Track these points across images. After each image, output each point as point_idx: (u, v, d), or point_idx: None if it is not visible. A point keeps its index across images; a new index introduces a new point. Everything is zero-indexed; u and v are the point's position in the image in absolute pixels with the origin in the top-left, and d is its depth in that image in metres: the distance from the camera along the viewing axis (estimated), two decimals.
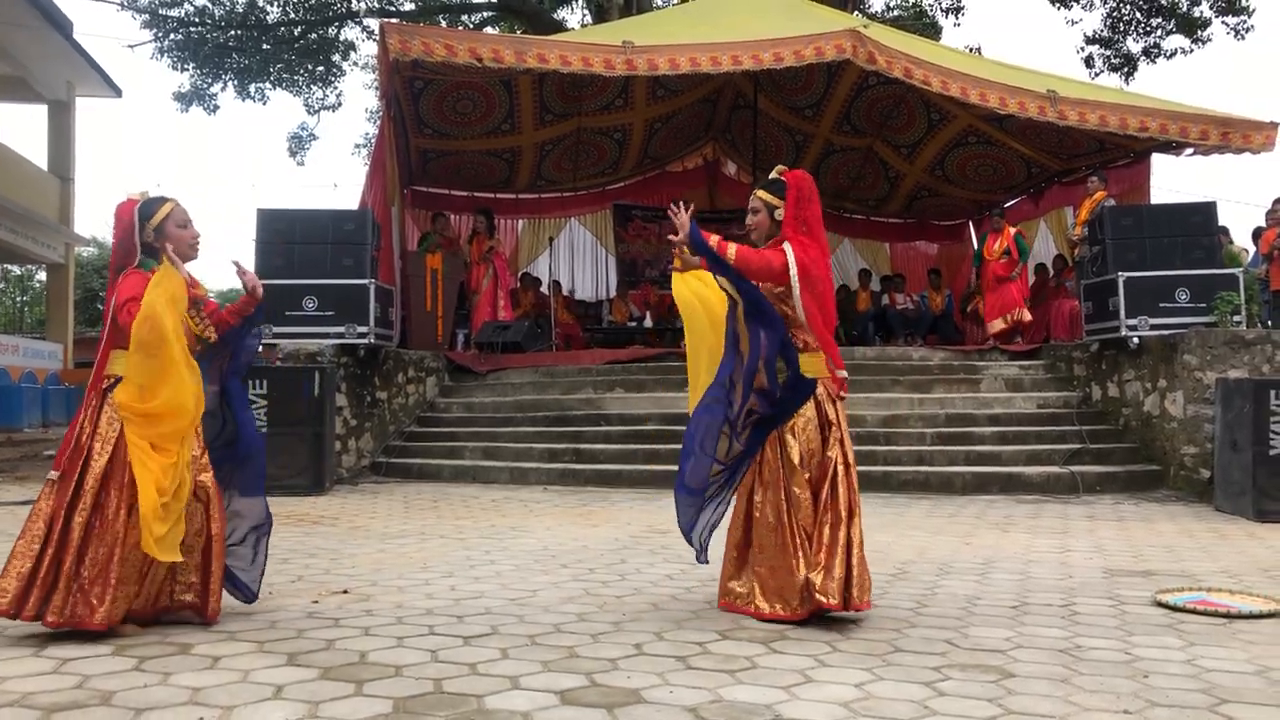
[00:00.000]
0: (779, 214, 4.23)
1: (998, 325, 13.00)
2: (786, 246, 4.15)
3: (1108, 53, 22.28)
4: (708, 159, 17.89)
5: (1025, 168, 15.44)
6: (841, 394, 4.27)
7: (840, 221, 18.21)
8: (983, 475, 9.26)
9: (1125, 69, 22.12)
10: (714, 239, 4.06)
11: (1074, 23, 47.99)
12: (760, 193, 4.32)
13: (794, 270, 4.07)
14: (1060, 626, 4.07)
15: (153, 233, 3.93)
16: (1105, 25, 22.45)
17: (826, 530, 4.05)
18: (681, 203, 4.19)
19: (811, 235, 4.22)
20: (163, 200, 4.00)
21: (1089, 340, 10.80)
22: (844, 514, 4.08)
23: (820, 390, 4.18)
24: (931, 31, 22.71)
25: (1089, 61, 22.67)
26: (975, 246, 17.65)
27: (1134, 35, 22.15)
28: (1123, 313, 9.94)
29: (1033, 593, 4.76)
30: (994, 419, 10.49)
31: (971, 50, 21.02)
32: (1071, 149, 13.98)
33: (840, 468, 4.13)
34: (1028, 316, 13.00)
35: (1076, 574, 5.27)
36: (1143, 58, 21.96)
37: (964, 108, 13.51)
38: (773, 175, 4.33)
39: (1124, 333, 9.93)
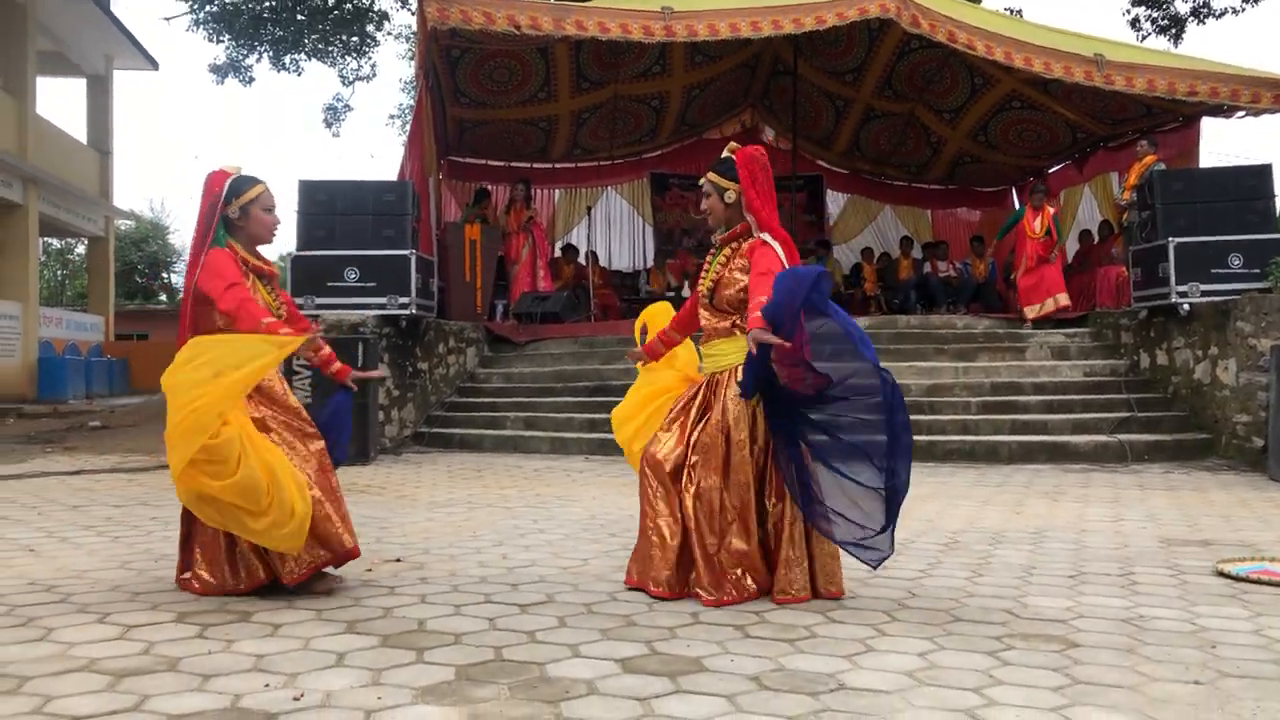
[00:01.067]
0: (729, 196, 4.03)
1: (1035, 311, 12.06)
2: (776, 247, 3.93)
3: (1155, 14, 21.77)
4: (746, 126, 17.73)
5: (1070, 133, 15.18)
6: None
7: (881, 188, 18.05)
8: (1029, 444, 9.17)
9: (1173, 30, 21.62)
10: (758, 321, 3.67)
11: None
12: (710, 175, 4.11)
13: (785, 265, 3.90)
14: (1121, 596, 4.01)
15: (238, 210, 4.04)
16: None
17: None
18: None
19: (769, 214, 4.03)
20: (255, 181, 4.10)
21: (1137, 307, 10.63)
22: None
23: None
24: None
25: (1135, 24, 22.20)
26: (1015, 210, 17.43)
27: None
28: (1173, 279, 9.77)
29: (1089, 562, 4.70)
30: (1040, 388, 10.37)
31: (1013, 14, 20.64)
32: (1118, 113, 13.72)
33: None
34: (1065, 300, 12.16)
35: (1132, 543, 5.20)
36: (1191, 18, 21.43)
37: (1008, 71, 13.29)
38: (724, 154, 4.14)
39: (1174, 299, 9.76)
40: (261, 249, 4.19)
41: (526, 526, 5.66)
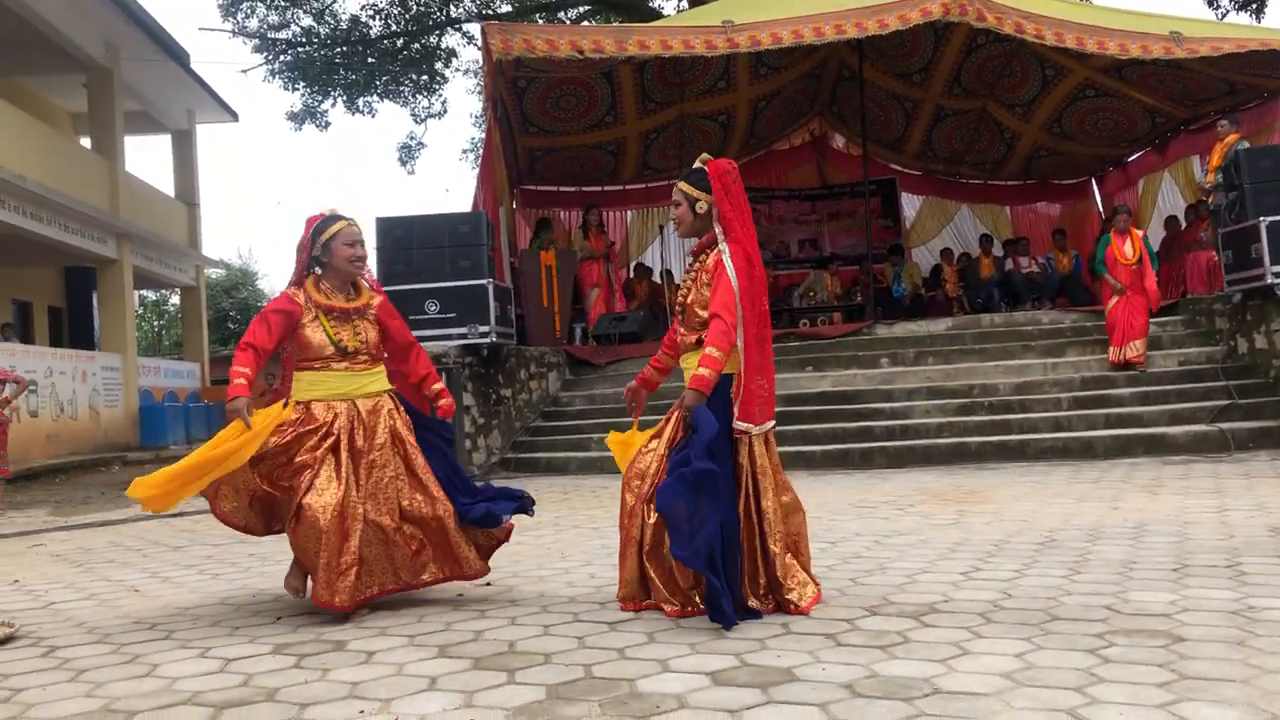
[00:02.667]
0: (700, 206, 3.96)
1: (1117, 354, 10.44)
2: (726, 261, 3.86)
3: None
4: (815, 134, 17.65)
5: (1149, 118, 14.81)
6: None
7: (956, 187, 17.80)
8: (1124, 438, 8.93)
9: (1254, 5, 20.97)
10: (702, 381, 3.81)
11: None
12: (681, 185, 4.04)
13: (737, 295, 3.82)
14: (1228, 588, 3.87)
15: (321, 248, 4.26)
16: None
17: None
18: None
19: (744, 227, 3.96)
20: (338, 219, 4.29)
21: (1230, 291, 10.31)
22: None
23: None
24: None
25: (1213, 1, 21.61)
26: (1100, 238, 17.03)
27: None
28: (1267, 259, 9.47)
29: (1193, 554, 4.55)
30: (1133, 379, 10.11)
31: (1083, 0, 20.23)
32: (1198, 94, 13.36)
33: None
34: (1140, 351, 10.35)
35: (1239, 534, 5.02)
36: None
37: (1080, 60, 13.03)
38: (696, 164, 4.06)
39: (1270, 280, 9.46)
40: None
41: (613, 546, 5.63)
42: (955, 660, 3.10)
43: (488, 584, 4.67)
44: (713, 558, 3.66)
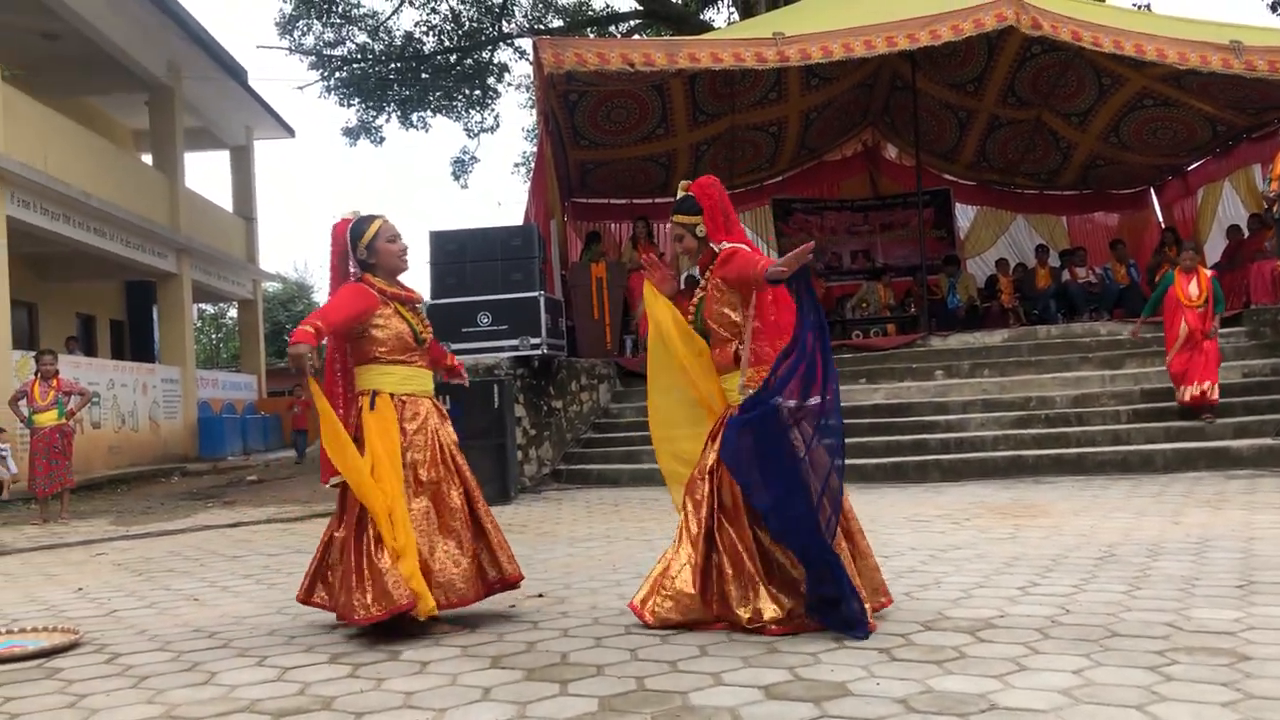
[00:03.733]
0: (700, 230, 4.05)
1: (1189, 393, 9.44)
2: (730, 246, 3.96)
3: None
4: (867, 145, 17.55)
5: (1209, 127, 14.55)
6: None
7: (1011, 197, 17.60)
8: (1186, 451, 8.76)
9: None
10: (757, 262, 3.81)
11: None
12: (676, 217, 4.14)
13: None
14: None
15: (365, 250, 4.17)
16: None
17: None
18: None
19: (735, 229, 4.08)
20: (371, 218, 4.21)
21: None
22: None
23: None
24: None
25: (1275, 7, 21.21)
26: (1163, 276, 16.74)
27: None
28: None
29: (1259, 571, 4.44)
30: None
31: (1141, 8, 19.96)
32: (1260, 101, 13.08)
33: None
34: (1214, 393, 9.41)
35: None
36: None
37: (1138, 69, 12.85)
38: (679, 195, 4.15)
39: None
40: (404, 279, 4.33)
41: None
42: (1012, 676, 3.05)
43: (540, 595, 4.68)
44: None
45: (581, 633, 3.89)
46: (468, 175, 27.46)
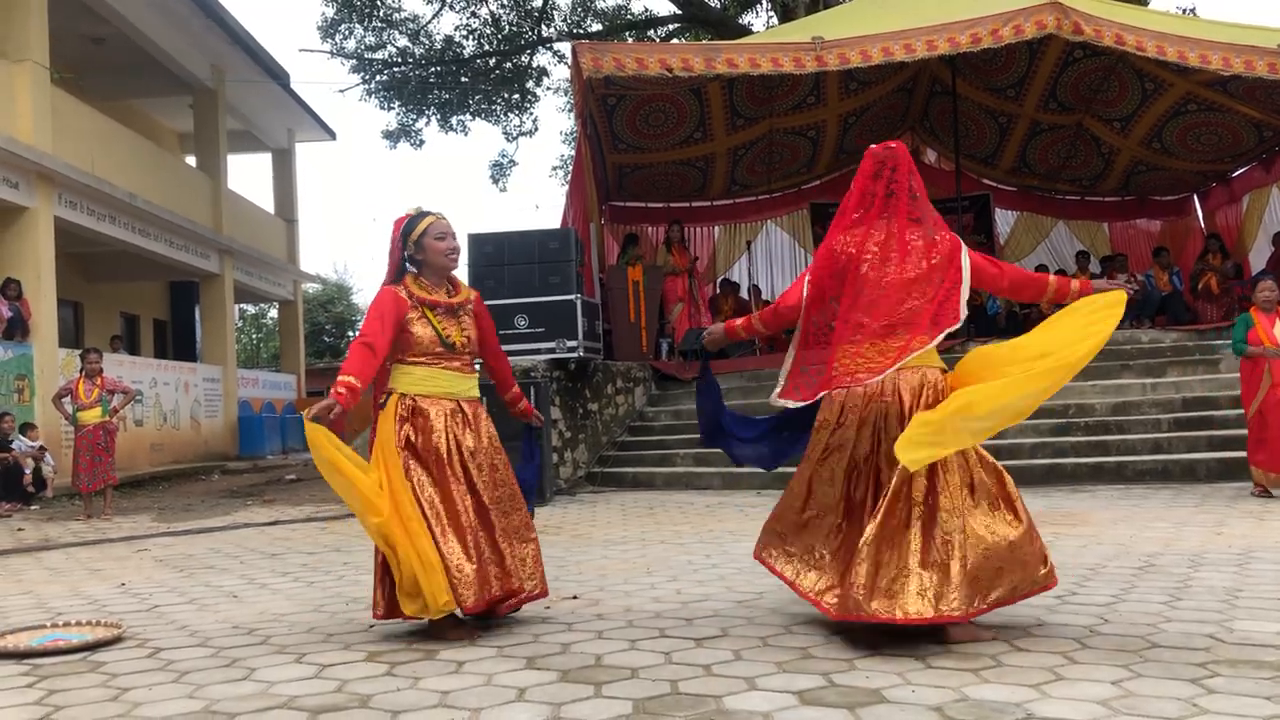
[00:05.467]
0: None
1: (1265, 477, 7.75)
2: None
3: None
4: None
5: (1255, 132, 14.33)
6: None
7: (1052, 203, 17.43)
8: (1229, 461, 8.64)
9: None
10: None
11: None
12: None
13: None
14: None
15: (414, 245, 4.19)
16: None
17: None
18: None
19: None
20: (424, 215, 4.22)
21: None
22: None
23: None
24: None
25: None
26: (1239, 317, 16.50)
27: None
28: None
29: None
30: (1237, 401, 9.73)
31: (1186, 13, 19.72)
32: None
33: None
34: None
35: None
36: None
37: (1182, 73, 12.69)
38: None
39: None
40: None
41: (700, 562, 5.67)
42: (1049, 686, 3.03)
43: (575, 597, 4.70)
44: None
45: (616, 635, 3.90)
46: (506, 179, 27.56)
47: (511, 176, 66.20)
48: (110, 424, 10.17)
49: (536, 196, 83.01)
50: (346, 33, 23.35)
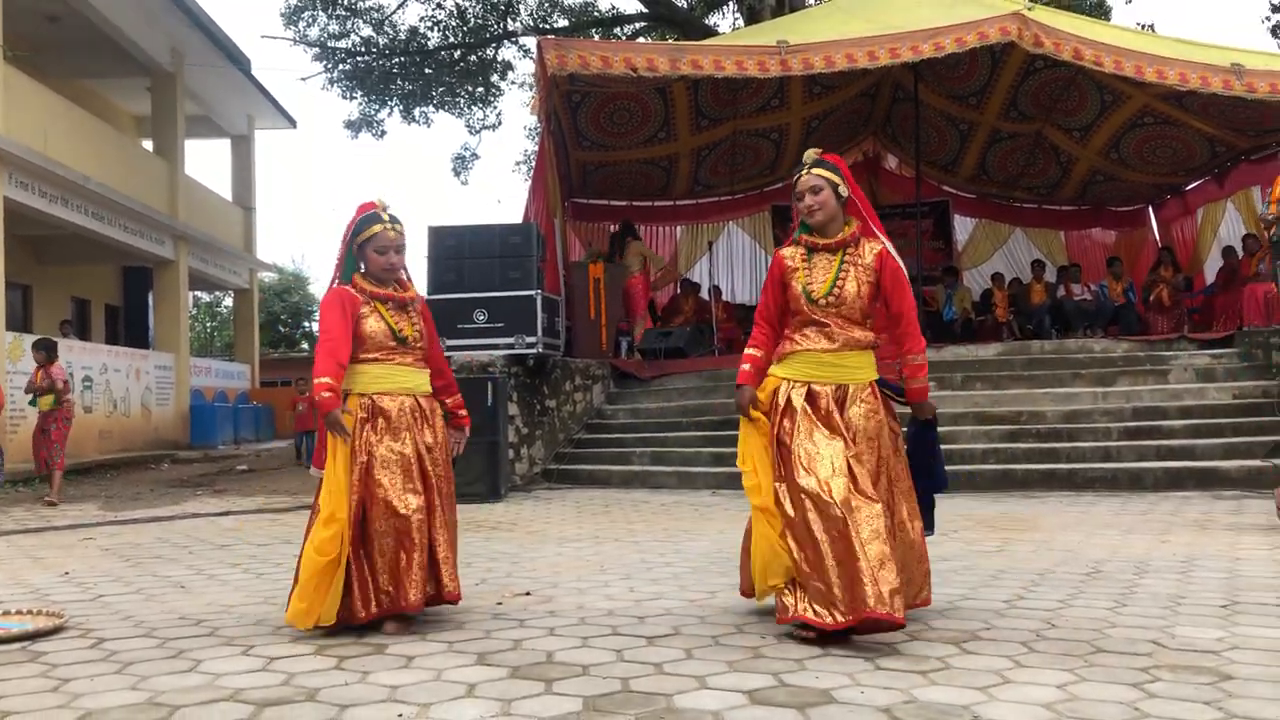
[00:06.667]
0: (842, 190, 3.97)
1: None
2: (897, 258, 3.99)
3: None
4: (868, 154, 17.58)
5: (1208, 147, 14.60)
6: None
7: (1010, 211, 17.66)
8: (1175, 471, 8.78)
9: None
10: (923, 382, 4.12)
11: None
12: (819, 171, 3.97)
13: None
14: (1279, 627, 3.79)
15: (357, 248, 4.15)
16: None
17: None
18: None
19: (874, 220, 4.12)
20: (375, 220, 4.12)
21: None
22: None
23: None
24: (1099, 12, 21.76)
25: (1276, 31, 21.31)
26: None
27: None
28: None
29: (1244, 591, 4.46)
30: (1185, 411, 9.94)
31: (1144, 28, 20.01)
32: (1260, 124, 13.12)
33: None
34: None
35: None
36: None
37: (1140, 86, 12.88)
38: (813, 154, 4.03)
39: None
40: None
41: (654, 560, 5.67)
42: (996, 689, 3.06)
43: (527, 593, 4.69)
44: None
45: (568, 632, 3.89)
46: (468, 172, 27.45)
47: (474, 170, 65.94)
48: (61, 412, 10.27)
49: (499, 191, 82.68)
50: (310, 20, 23.12)
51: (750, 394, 4.05)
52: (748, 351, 4.12)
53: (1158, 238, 16.96)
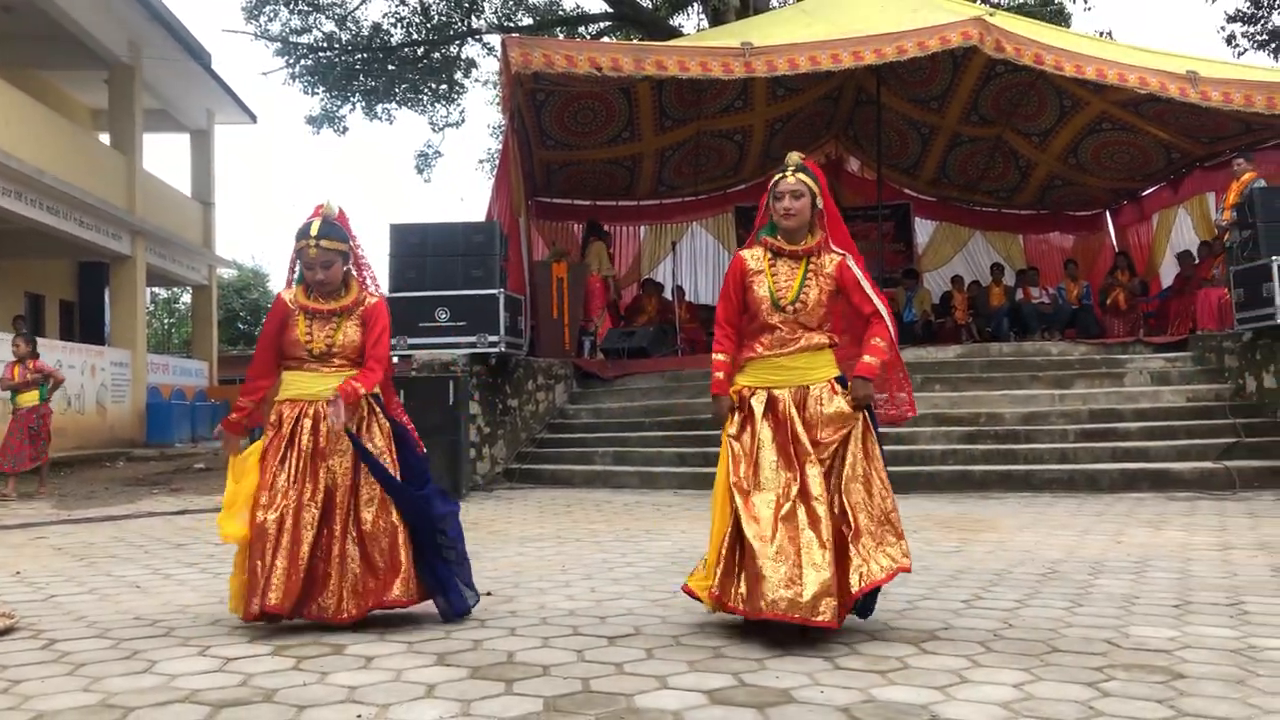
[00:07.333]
0: (819, 202, 4.01)
1: None
2: (856, 269, 4.01)
3: (1252, 30, 21.24)
4: (830, 157, 17.67)
5: (1164, 153, 14.82)
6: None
7: (970, 214, 17.83)
8: (1130, 472, 8.91)
9: (1273, 45, 21.03)
10: (877, 361, 3.98)
11: (1213, 0, 45.84)
12: (801, 176, 3.98)
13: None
14: (1230, 626, 3.86)
15: (296, 253, 4.21)
16: (1248, 0, 21.42)
17: None
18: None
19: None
20: (304, 234, 4.13)
21: (1241, 329, 10.28)
22: None
23: None
24: (1059, 19, 22.02)
25: (1231, 40, 21.68)
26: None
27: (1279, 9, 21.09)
28: (1278, 298, 9.45)
29: (1195, 591, 4.53)
30: (1140, 414, 10.08)
31: (1103, 35, 20.29)
32: (1214, 131, 13.35)
33: None
34: None
35: (1241, 572, 5.00)
36: None
37: (1098, 92, 13.06)
38: (796, 158, 4.05)
39: None
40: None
41: (615, 560, 5.67)
42: (954, 688, 3.09)
43: (488, 594, 4.67)
44: None
45: (528, 632, 3.89)
46: (431, 169, 27.30)
47: (437, 167, 65.59)
48: (44, 408, 10.42)
49: (462, 189, 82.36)
50: (271, 15, 22.91)
51: (728, 403, 4.04)
52: (717, 358, 4.09)
53: (1114, 242, 17.20)
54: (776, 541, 3.64)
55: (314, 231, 4.10)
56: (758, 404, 3.94)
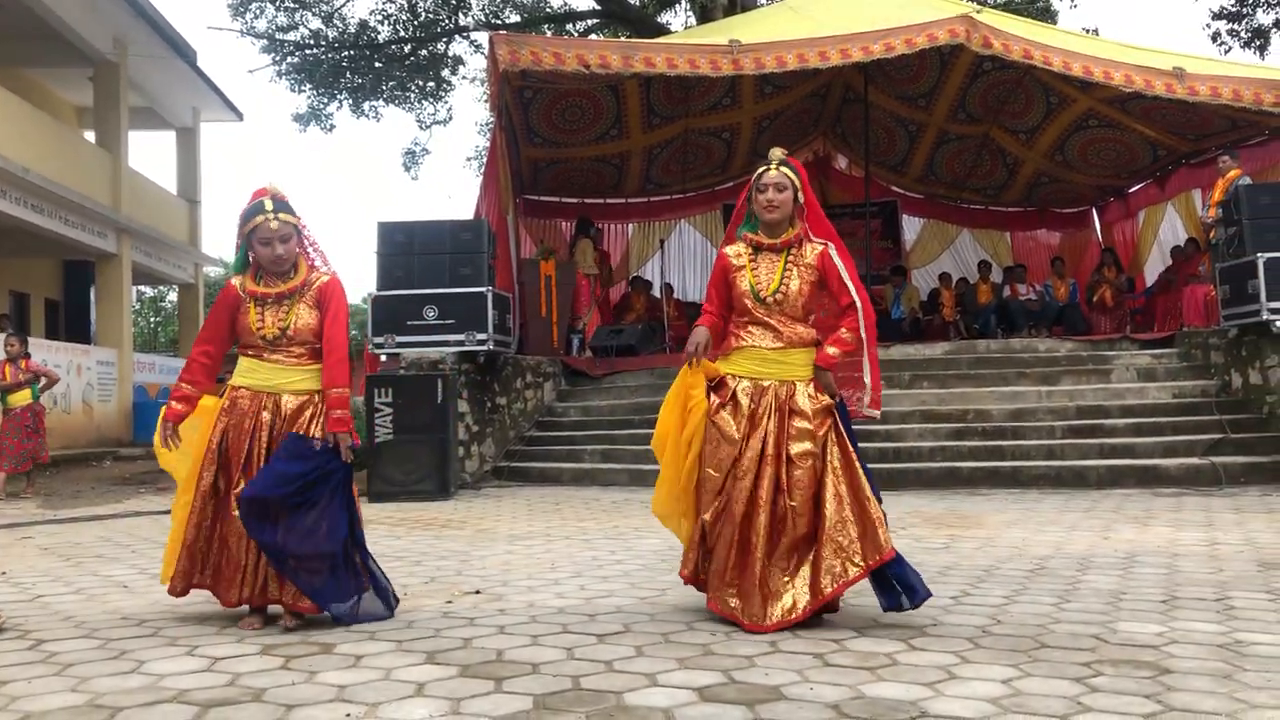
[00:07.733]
0: (800, 197, 4.08)
1: None
2: (837, 260, 4.05)
3: (1237, 28, 21.34)
4: (818, 154, 17.69)
5: (1150, 151, 14.87)
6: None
7: (958, 211, 17.86)
8: (1117, 469, 8.95)
9: (1258, 44, 21.14)
10: (837, 351, 4.01)
11: None
12: (785, 170, 4.09)
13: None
14: (1216, 621, 3.88)
15: (243, 240, 4.14)
16: None
17: None
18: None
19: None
20: (258, 211, 4.05)
21: (1226, 326, 10.33)
22: None
23: None
24: (1046, 16, 22.09)
25: (1216, 38, 21.77)
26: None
27: (1264, 7, 21.17)
28: (1263, 295, 9.50)
29: (1182, 586, 4.55)
30: (1127, 410, 10.12)
31: (1089, 32, 20.35)
32: (1200, 129, 13.41)
33: None
34: None
35: (1228, 567, 5.03)
36: (1275, 30, 20.95)
37: (1085, 89, 13.09)
38: (779, 154, 4.14)
39: (1265, 316, 9.49)
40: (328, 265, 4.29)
41: (604, 558, 5.68)
42: (943, 684, 3.10)
43: (477, 592, 4.67)
44: None
45: (518, 630, 3.88)
46: (419, 167, 27.25)
47: (424, 165, 65.55)
48: (38, 406, 10.39)
49: (450, 186, 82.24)
50: (258, 12, 22.84)
51: (705, 335, 4.10)
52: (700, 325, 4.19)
53: (1101, 239, 17.25)
54: (743, 543, 3.86)
55: (269, 206, 4.06)
56: (743, 396, 3.97)
